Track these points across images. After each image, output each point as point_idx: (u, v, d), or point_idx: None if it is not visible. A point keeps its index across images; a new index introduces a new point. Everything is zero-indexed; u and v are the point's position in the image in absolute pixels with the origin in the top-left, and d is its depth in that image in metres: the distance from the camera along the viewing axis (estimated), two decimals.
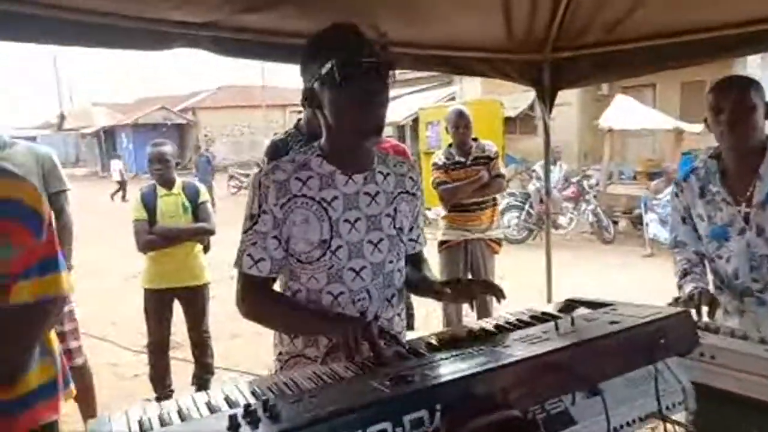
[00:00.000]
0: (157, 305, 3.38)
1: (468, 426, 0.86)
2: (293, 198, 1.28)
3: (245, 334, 4.39)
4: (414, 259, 1.49)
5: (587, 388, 1.04)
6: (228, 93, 29.54)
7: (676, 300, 1.69)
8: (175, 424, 0.87)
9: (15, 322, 1.30)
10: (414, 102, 13.76)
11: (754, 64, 10.07)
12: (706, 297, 1.69)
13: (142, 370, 3.71)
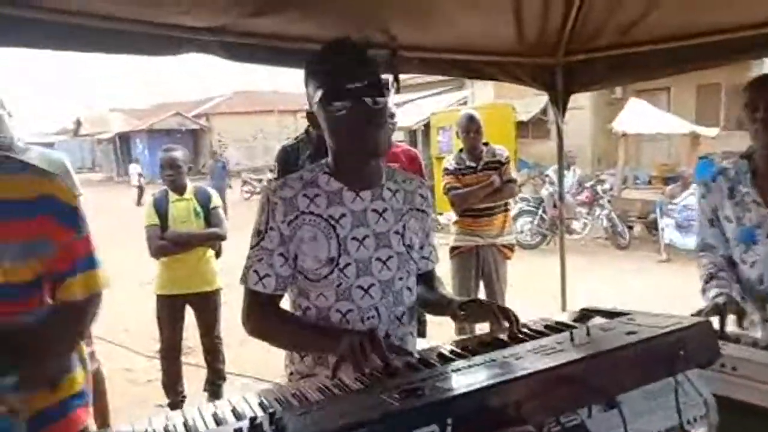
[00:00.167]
0: (169, 311, 3.39)
1: None
2: (301, 215, 1.26)
3: (257, 340, 4.36)
4: (426, 277, 1.46)
5: (604, 400, 1.01)
6: (241, 98, 29.77)
7: (699, 312, 1.58)
8: None
9: (67, 319, 1.31)
10: (425, 107, 13.72)
11: None
12: (731, 305, 1.61)
13: (155, 376, 3.71)
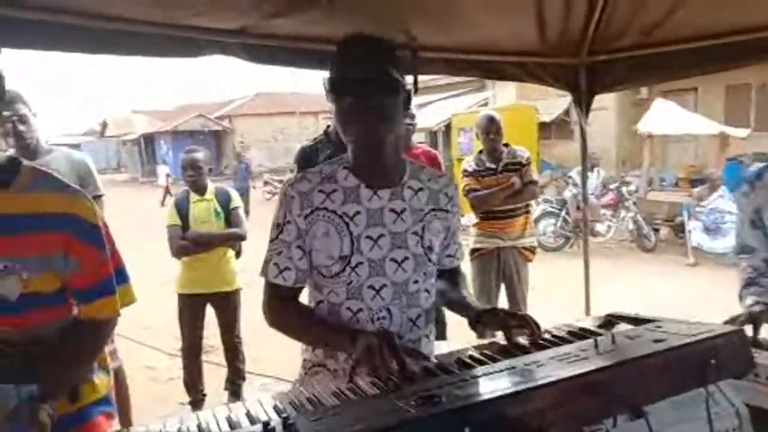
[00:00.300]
0: (190, 310, 3.42)
1: None
2: (316, 210, 1.25)
3: (277, 340, 4.36)
4: (451, 274, 1.44)
5: (630, 411, 0.97)
6: (263, 100, 30.03)
7: (733, 320, 1.49)
8: None
9: (92, 335, 1.34)
10: (447, 108, 13.67)
11: None
12: (767, 314, 1.50)
13: (176, 374, 3.75)
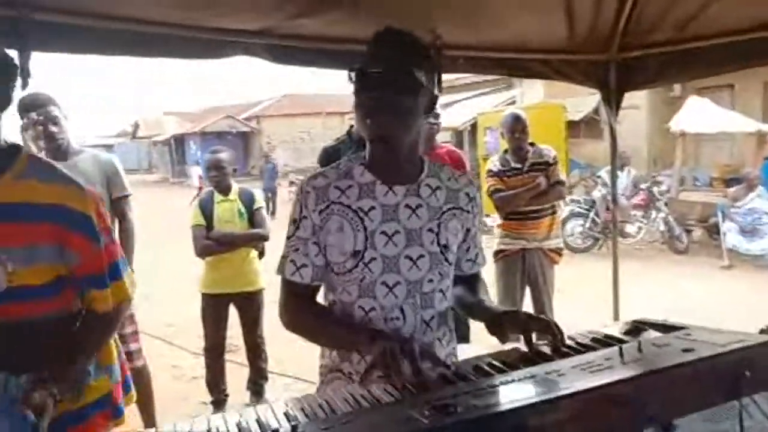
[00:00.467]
0: (213, 310, 3.45)
1: None
2: (331, 205, 1.24)
3: (299, 340, 4.34)
4: (470, 280, 1.39)
5: (658, 424, 0.92)
6: (289, 101, 30.32)
7: None
8: None
9: (97, 328, 1.35)
10: (473, 106, 13.53)
11: None
12: None
13: (200, 373, 3.78)
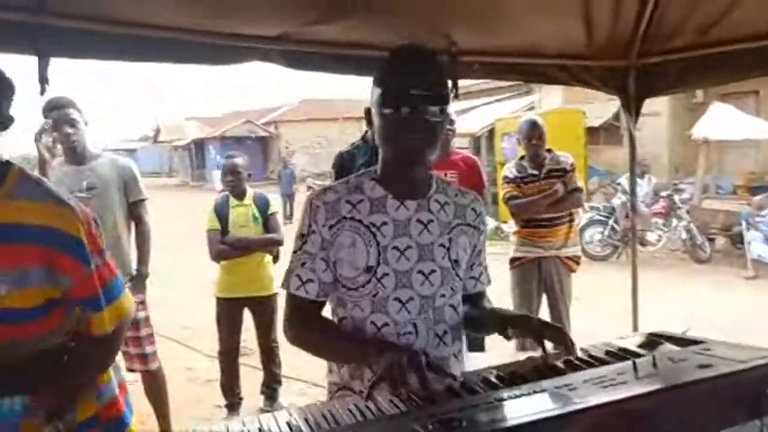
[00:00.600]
0: (228, 314, 3.46)
1: None
2: (342, 220, 1.23)
3: None
4: (475, 299, 1.37)
5: None
6: (307, 106, 30.53)
7: None
8: None
9: (96, 352, 1.31)
10: (490, 112, 13.45)
11: None
12: None
13: (214, 376, 3.79)
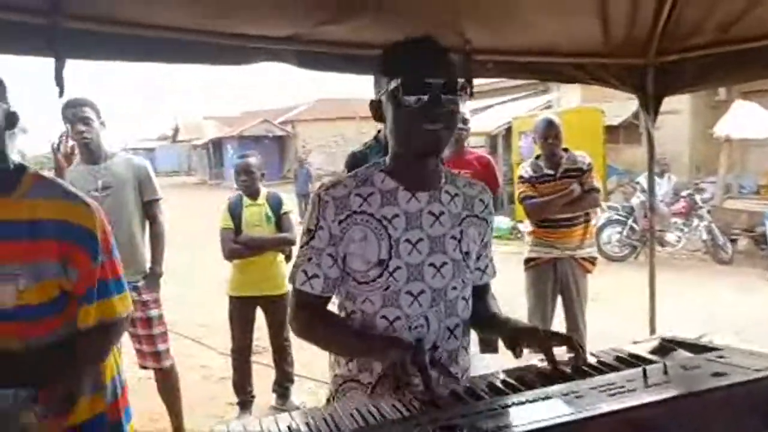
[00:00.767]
0: (240, 312, 3.48)
1: None
2: (352, 214, 1.21)
3: None
4: (480, 291, 1.36)
5: None
6: (324, 105, 30.59)
7: None
8: None
9: (83, 344, 1.33)
10: (507, 111, 13.34)
11: None
12: None
13: (228, 374, 3.82)
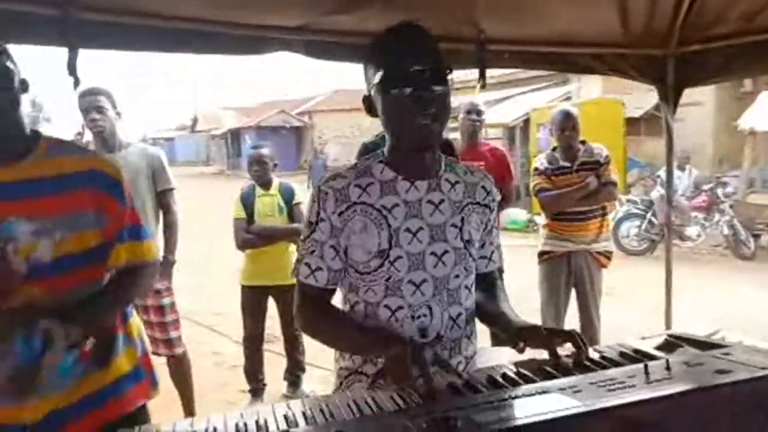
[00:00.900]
0: (252, 302, 3.51)
1: None
2: (352, 205, 1.21)
3: None
4: (486, 280, 1.35)
5: None
6: (340, 96, 30.56)
7: None
8: None
9: (116, 284, 1.39)
10: (526, 102, 13.20)
11: None
12: None
13: (240, 362, 3.87)
